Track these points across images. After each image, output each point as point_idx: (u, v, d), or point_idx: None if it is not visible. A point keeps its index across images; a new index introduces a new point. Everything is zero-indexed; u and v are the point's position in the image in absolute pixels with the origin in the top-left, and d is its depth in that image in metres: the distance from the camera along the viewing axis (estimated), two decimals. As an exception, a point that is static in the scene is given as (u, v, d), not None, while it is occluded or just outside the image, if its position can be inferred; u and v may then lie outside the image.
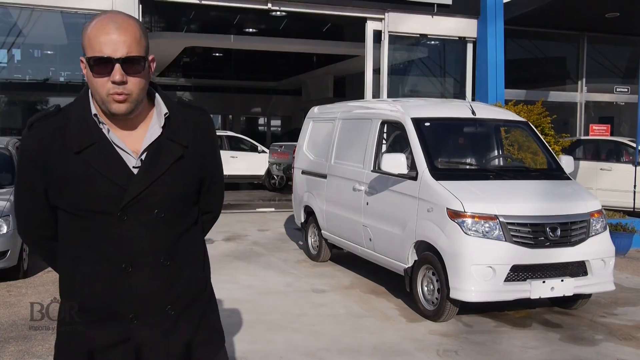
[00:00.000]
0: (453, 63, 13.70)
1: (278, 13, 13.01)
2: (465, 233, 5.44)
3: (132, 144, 1.78)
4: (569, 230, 5.67)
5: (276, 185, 17.29)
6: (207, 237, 2.15)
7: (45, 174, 1.78)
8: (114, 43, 1.67)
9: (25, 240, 2.02)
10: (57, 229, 1.88)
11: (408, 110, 6.68)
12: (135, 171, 1.76)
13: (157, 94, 1.86)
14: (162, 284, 1.81)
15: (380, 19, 12.39)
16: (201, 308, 1.94)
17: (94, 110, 1.78)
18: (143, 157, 1.77)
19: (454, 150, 7.02)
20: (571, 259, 5.63)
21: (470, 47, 13.20)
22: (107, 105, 1.73)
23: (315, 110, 8.87)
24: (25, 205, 1.91)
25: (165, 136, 1.80)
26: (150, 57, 1.78)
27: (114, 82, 1.68)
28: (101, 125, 1.77)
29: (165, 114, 1.82)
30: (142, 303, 1.79)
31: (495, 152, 7.24)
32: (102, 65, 1.68)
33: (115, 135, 1.78)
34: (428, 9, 12.46)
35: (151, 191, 1.76)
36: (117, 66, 1.68)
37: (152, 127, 1.81)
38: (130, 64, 1.70)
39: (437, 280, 5.67)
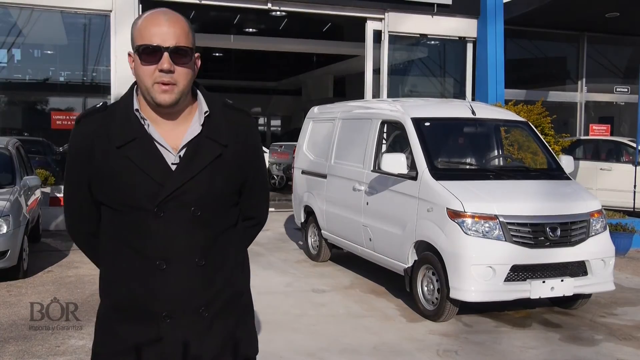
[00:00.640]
0: (453, 63, 13.70)
1: (278, 13, 13.01)
2: (465, 233, 5.44)
3: (172, 141, 1.80)
4: (569, 230, 5.67)
5: (276, 185, 17.28)
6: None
7: (90, 168, 1.81)
8: (163, 34, 1.73)
9: (73, 237, 2.04)
10: (97, 229, 1.93)
11: (408, 110, 6.68)
12: (173, 167, 1.77)
13: (199, 93, 1.88)
14: (196, 284, 1.80)
15: (380, 19, 12.39)
16: (237, 314, 1.92)
17: (136, 106, 1.81)
18: (182, 153, 1.79)
19: (454, 150, 7.02)
20: (571, 259, 5.63)
21: (470, 47, 13.20)
22: (152, 95, 1.75)
23: (315, 110, 8.87)
24: (73, 200, 1.94)
25: (205, 134, 1.81)
26: (196, 55, 1.83)
27: (161, 70, 1.72)
28: (142, 121, 1.80)
29: (205, 112, 1.84)
30: (175, 302, 1.78)
31: (495, 152, 7.24)
32: (150, 53, 1.73)
33: (156, 131, 1.80)
34: (428, 9, 12.46)
35: (188, 188, 1.76)
36: (166, 55, 1.72)
37: (192, 125, 1.82)
38: (178, 54, 1.74)
39: (437, 280, 5.67)
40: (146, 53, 1.73)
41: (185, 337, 1.79)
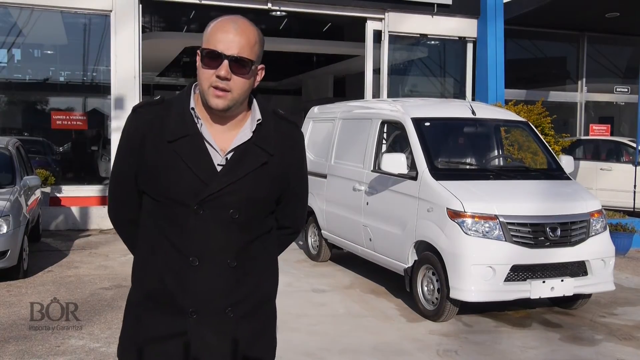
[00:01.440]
0: (453, 63, 13.71)
1: (278, 13, 13.00)
2: (465, 233, 5.44)
3: (222, 143, 1.84)
4: (569, 230, 5.67)
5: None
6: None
7: (139, 157, 1.85)
8: (228, 42, 1.77)
9: (113, 221, 2.07)
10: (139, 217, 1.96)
11: (408, 110, 6.68)
12: (219, 169, 1.82)
13: (255, 100, 1.93)
14: (225, 284, 1.83)
15: (380, 19, 12.39)
16: (263, 320, 1.95)
17: (192, 104, 1.86)
18: (229, 156, 1.83)
19: (454, 150, 7.02)
20: (571, 259, 5.63)
21: (470, 47, 13.20)
22: (207, 98, 1.80)
23: (315, 110, 8.87)
24: (119, 186, 1.98)
25: (254, 141, 1.85)
26: (260, 66, 1.86)
27: (218, 77, 1.76)
28: (196, 120, 1.84)
29: (257, 120, 1.88)
30: (203, 299, 1.81)
31: (495, 152, 7.24)
32: (212, 58, 1.77)
33: (208, 131, 1.84)
34: (428, 9, 12.47)
35: (230, 191, 1.80)
36: (225, 62, 1.76)
37: (243, 130, 1.86)
38: (238, 64, 1.78)
39: (437, 280, 5.67)
40: (208, 57, 1.78)
41: (209, 335, 1.83)
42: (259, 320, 1.92)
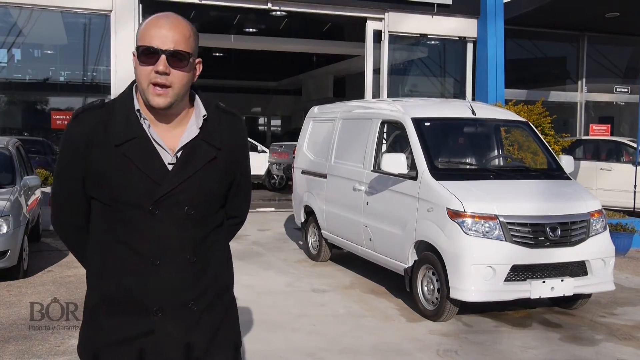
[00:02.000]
0: (453, 63, 13.71)
1: (278, 13, 13.00)
2: (465, 233, 5.44)
3: (170, 142, 1.85)
4: (569, 230, 5.67)
5: (276, 185, 17.29)
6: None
7: (85, 163, 1.84)
8: (163, 37, 1.77)
9: (58, 228, 2.04)
10: (89, 221, 1.94)
11: (408, 110, 6.68)
12: (170, 167, 1.83)
13: (197, 97, 1.94)
14: (187, 280, 1.86)
15: (380, 19, 12.39)
16: (223, 309, 2.00)
17: (137, 106, 1.86)
18: (179, 154, 1.85)
19: (454, 150, 7.02)
20: (571, 259, 5.63)
21: (470, 47, 13.20)
22: (147, 97, 1.80)
23: (315, 110, 8.87)
24: (63, 192, 1.95)
25: (201, 137, 1.87)
26: (197, 60, 1.87)
27: (157, 72, 1.77)
28: (142, 121, 1.84)
29: (203, 116, 1.90)
30: (167, 297, 1.84)
31: (495, 152, 7.24)
32: (149, 55, 1.78)
33: (155, 131, 1.85)
34: (428, 9, 12.47)
35: (183, 188, 1.82)
36: (163, 57, 1.77)
37: (189, 127, 1.88)
38: (175, 58, 1.78)
39: (437, 280, 5.67)
40: (145, 54, 1.78)
41: (176, 330, 1.86)
42: (219, 311, 1.97)
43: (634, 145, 11.34)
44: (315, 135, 8.54)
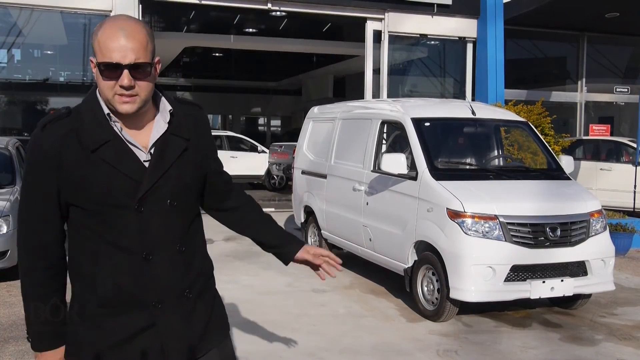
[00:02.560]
0: (453, 63, 13.71)
1: (278, 13, 13.02)
2: (465, 233, 5.44)
3: (141, 140, 1.89)
4: (568, 230, 5.67)
5: (276, 185, 17.29)
6: (207, 237, 2.17)
7: (60, 174, 1.82)
8: (122, 50, 1.76)
9: (25, 248, 1.93)
10: (59, 236, 1.92)
11: (408, 110, 6.68)
12: (146, 165, 1.87)
13: (159, 93, 1.97)
14: (180, 269, 1.93)
15: (380, 19, 12.39)
16: (212, 293, 2.09)
17: (106, 110, 1.86)
18: (152, 151, 1.89)
19: (454, 150, 7.02)
20: (571, 259, 5.63)
21: (470, 47, 13.20)
22: (114, 105, 1.82)
23: (315, 110, 8.87)
24: (35, 207, 1.89)
25: (170, 131, 1.92)
26: (156, 60, 1.88)
27: (122, 87, 1.78)
28: (113, 124, 1.86)
29: (169, 111, 1.94)
30: (164, 288, 1.90)
31: (495, 152, 7.24)
32: (111, 70, 1.77)
33: (127, 132, 1.88)
34: (428, 9, 12.47)
35: (163, 182, 1.87)
36: (126, 72, 1.77)
37: (157, 123, 1.92)
38: (138, 70, 1.79)
39: (437, 280, 5.67)
40: (107, 69, 1.77)
41: (176, 319, 1.92)
42: (209, 298, 2.06)
43: (634, 145, 11.34)
44: (315, 135, 8.54)
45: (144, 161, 1.86)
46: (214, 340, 2.04)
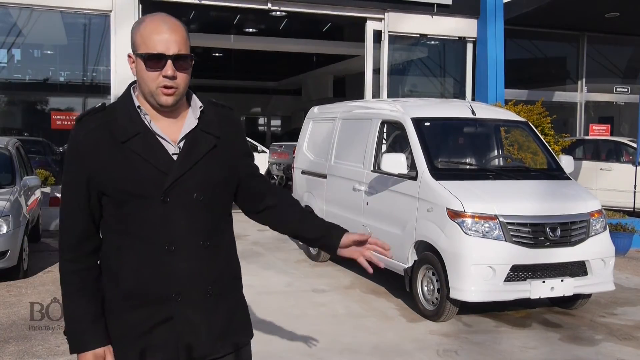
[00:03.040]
0: (453, 63, 13.70)
1: (278, 13, 12.99)
2: (465, 233, 5.44)
3: (171, 134, 1.94)
4: (568, 230, 5.67)
5: (276, 185, 17.29)
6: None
7: (92, 164, 1.89)
8: (166, 42, 1.86)
9: (63, 242, 1.98)
10: (94, 231, 1.97)
11: (408, 110, 6.68)
12: (174, 157, 1.91)
13: (190, 91, 2.04)
14: (202, 264, 1.94)
15: (380, 19, 12.39)
16: (236, 294, 2.09)
17: (137, 103, 1.94)
18: (181, 145, 1.93)
19: (454, 150, 7.02)
20: (571, 259, 5.63)
21: (470, 47, 13.20)
22: (155, 98, 1.90)
23: (315, 110, 8.87)
24: (69, 197, 1.95)
25: (200, 128, 1.97)
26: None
27: (165, 77, 1.86)
28: (143, 117, 1.93)
29: (200, 107, 2.00)
30: (185, 282, 1.91)
31: (495, 152, 7.24)
32: (155, 60, 1.86)
33: (156, 125, 1.94)
34: (428, 9, 12.46)
35: (189, 176, 1.91)
36: (169, 62, 1.86)
37: (188, 119, 1.98)
38: (180, 61, 1.88)
39: (437, 280, 5.67)
40: (151, 60, 1.86)
41: (194, 315, 1.93)
42: (232, 299, 2.06)
43: (634, 145, 11.34)
44: (315, 135, 8.54)
45: (173, 154, 1.91)
46: (233, 344, 2.02)
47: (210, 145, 1.96)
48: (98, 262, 1.99)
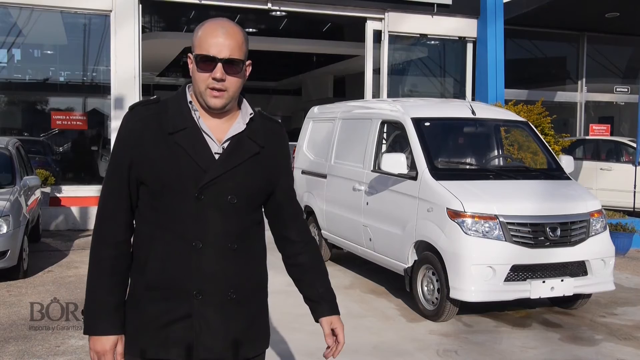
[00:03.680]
0: (453, 63, 13.70)
1: (278, 13, 13.00)
2: (465, 233, 5.44)
3: (218, 134, 1.97)
4: (568, 230, 5.67)
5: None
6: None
7: (136, 150, 1.94)
8: (219, 45, 1.90)
9: (98, 223, 2.00)
10: (130, 218, 2.00)
11: (408, 110, 6.68)
12: (216, 157, 1.94)
13: (244, 98, 2.08)
14: (227, 266, 1.95)
15: (380, 19, 12.39)
16: (259, 303, 2.10)
17: (189, 98, 1.99)
18: (225, 145, 1.97)
19: (454, 150, 7.02)
20: (571, 259, 5.63)
21: (470, 47, 13.20)
22: (205, 99, 1.94)
23: (315, 110, 8.87)
24: (111, 180, 1.99)
25: (246, 134, 2.00)
26: (247, 62, 1.99)
27: (214, 79, 1.90)
28: (193, 113, 1.97)
29: (250, 114, 2.03)
30: (207, 281, 1.92)
31: (495, 152, 7.24)
32: (206, 62, 1.91)
33: (205, 123, 1.97)
34: (428, 9, 12.46)
35: (228, 177, 1.93)
36: (219, 65, 1.90)
37: (237, 123, 2.01)
38: (231, 65, 1.92)
39: (437, 280, 5.67)
40: (203, 62, 1.91)
41: (212, 315, 1.93)
42: (254, 306, 2.06)
43: (634, 145, 11.33)
44: (315, 135, 8.54)
45: (215, 153, 1.94)
46: (248, 352, 2.02)
47: (253, 151, 1.98)
48: (131, 250, 2.02)
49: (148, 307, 1.94)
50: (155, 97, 2.05)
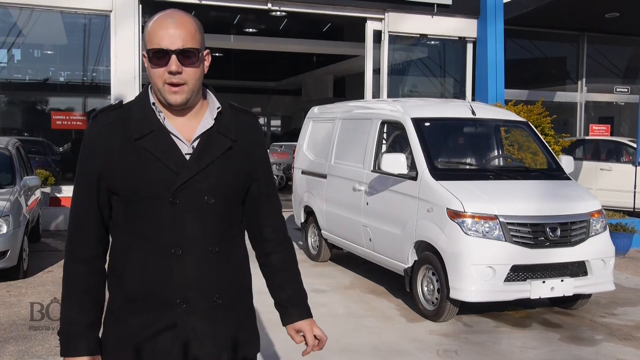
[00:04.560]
0: (453, 63, 13.70)
1: (278, 13, 13.00)
2: (465, 233, 5.44)
3: (186, 133, 1.88)
4: (568, 230, 5.67)
5: (276, 185, 17.26)
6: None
7: (103, 159, 1.86)
8: (170, 37, 1.80)
9: (69, 240, 1.92)
10: (102, 229, 1.91)
11: (408, 110, 6.68)
12: (187, 157, 1.86)
13: (209, 91, 1.99)
14: (210, 271, 1.87)
15: (380, 19, 12.39)
16: (246, 306, 2.03)
17: (152, 100, 1.90)
18: (195, 144, 1.88)
19: (454, 150, 7.02)
20: (571, 259, 5.63)
21: (470, 47, 13.20)
22: (164, 96, 1.84)
23: (315, 110, 8.87)
24: (79, 192, 1.91)
25: (216, 129, 1.90)
26: (205, 52, 1.90)
27: (170, 72, 1.81)
28: (158, 114, 1.88)
29: (217, 108, 1.94)
30: (191, 289, 1.84)
31: (495, 152, 7.24)
32: (159, 56, 1.81)
33: (171, 124, 1.89)
34: (428, 9, 12.46)
35: (201, 177, 1.85)
36: (173, 57, 1.80)
37: (205, 119, 1.91)
38: (186, 56, 1.82)
39: (437, 280, 5.67)
40: (156, 56, 1.82)
41: (199, 324, 1.85)
42: (241, 310, 1.99)
43: (634, 145, 11.34)
44: (315, 135, 8.54)
45: (186, 154, 1.85)
46: (237, 357, 1.95)
47: (225, 147, 1.89)
48: (105, 266, 1.94)
49: (130, 321, 1.85)
50: (118, 101, 1.97)
